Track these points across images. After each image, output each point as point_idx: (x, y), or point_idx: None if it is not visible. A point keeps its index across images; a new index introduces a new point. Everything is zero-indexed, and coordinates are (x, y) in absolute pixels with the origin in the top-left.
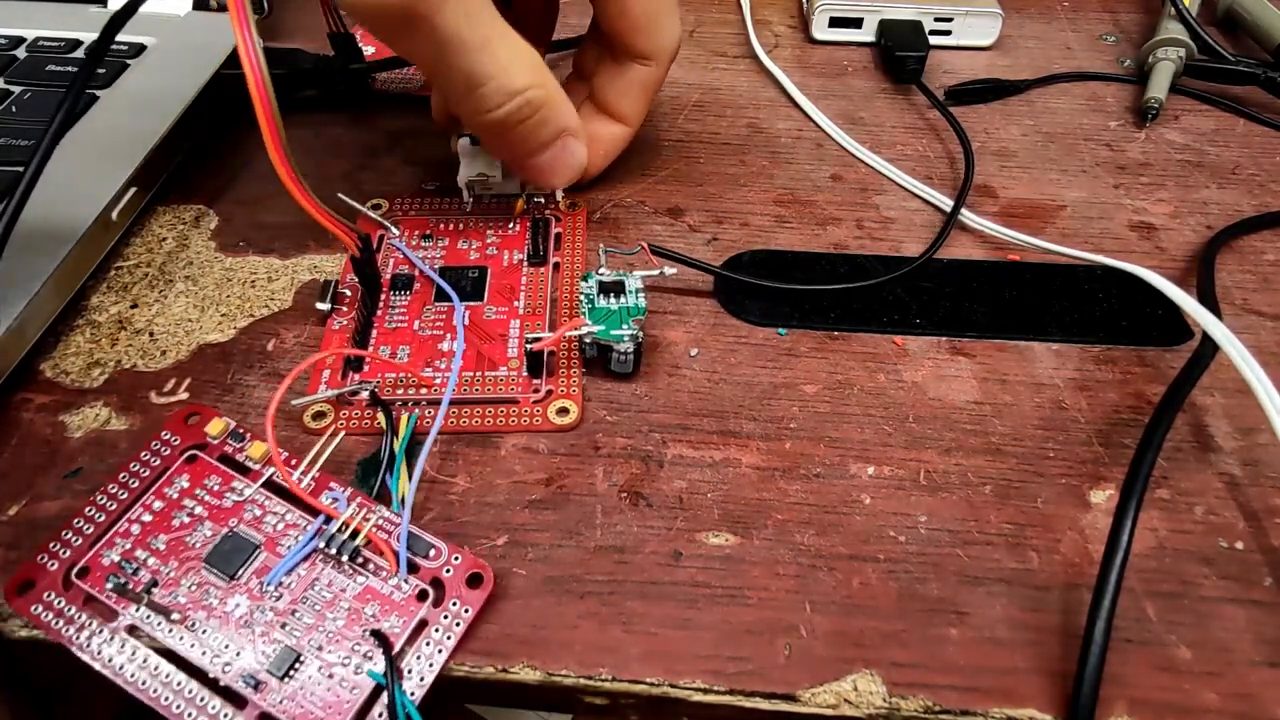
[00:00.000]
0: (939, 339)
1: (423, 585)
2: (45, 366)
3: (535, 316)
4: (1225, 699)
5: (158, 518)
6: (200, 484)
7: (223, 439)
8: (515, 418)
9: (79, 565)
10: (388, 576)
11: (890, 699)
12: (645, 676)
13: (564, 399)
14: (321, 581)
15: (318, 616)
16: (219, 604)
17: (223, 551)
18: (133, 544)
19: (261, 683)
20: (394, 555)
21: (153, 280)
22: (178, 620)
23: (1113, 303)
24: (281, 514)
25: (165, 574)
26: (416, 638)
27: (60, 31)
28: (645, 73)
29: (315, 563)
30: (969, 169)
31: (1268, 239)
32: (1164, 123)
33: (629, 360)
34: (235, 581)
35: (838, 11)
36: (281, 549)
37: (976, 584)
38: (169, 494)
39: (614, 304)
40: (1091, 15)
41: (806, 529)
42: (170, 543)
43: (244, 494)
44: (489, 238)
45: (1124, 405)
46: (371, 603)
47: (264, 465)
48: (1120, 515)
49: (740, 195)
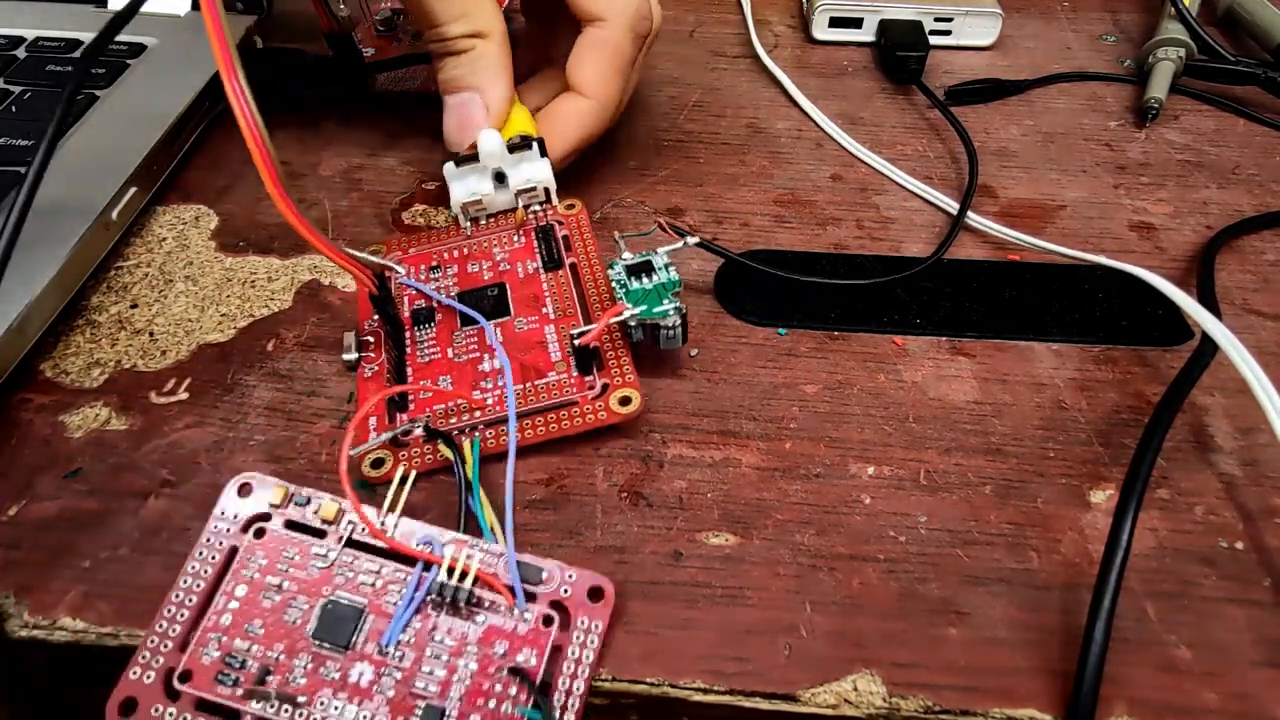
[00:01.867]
0: (939, 339)
1: (545, 611)
2: (45, 366)
3: (568, 319)
4: (1225, 699)
5: (244, 603)
6: (279, 558)
7: (285, 504)
8: (579, 418)
9: (178, 670)
10: (506, 610)
11: (890, 699)
12: (645, 676)
13: (623, 388)
14: (440, 630)
15: (449, 668)
16: (341, 677)
17: (328, 623)
18: (228, 636)
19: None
20: (508, 589)
21: (153, 280)
22: (305, 703)
23: (1113, 303)
24: (376, 570)
25: (274, 659)
26: (555, 664)
27: (60, 31)
28: (598, 35)
29: (427, 613)
30: (973, 170)
31: (1268, 239)
32: (1164, 123)
33: (678, 333)
34: (351, 651)
35: (838, 11)
36: (387, 607)
37: (976, 584)
38: (247, 575)
39: (647, 283)
40: (1091, 15)
41: (806, 529)
42: (267, 625)
43: (329, 558)
44: (497, 255)
45: (1124, 405)
46: (499, 641)
47: (339, 524)
48: (1120, 515)
49: (740, 195)
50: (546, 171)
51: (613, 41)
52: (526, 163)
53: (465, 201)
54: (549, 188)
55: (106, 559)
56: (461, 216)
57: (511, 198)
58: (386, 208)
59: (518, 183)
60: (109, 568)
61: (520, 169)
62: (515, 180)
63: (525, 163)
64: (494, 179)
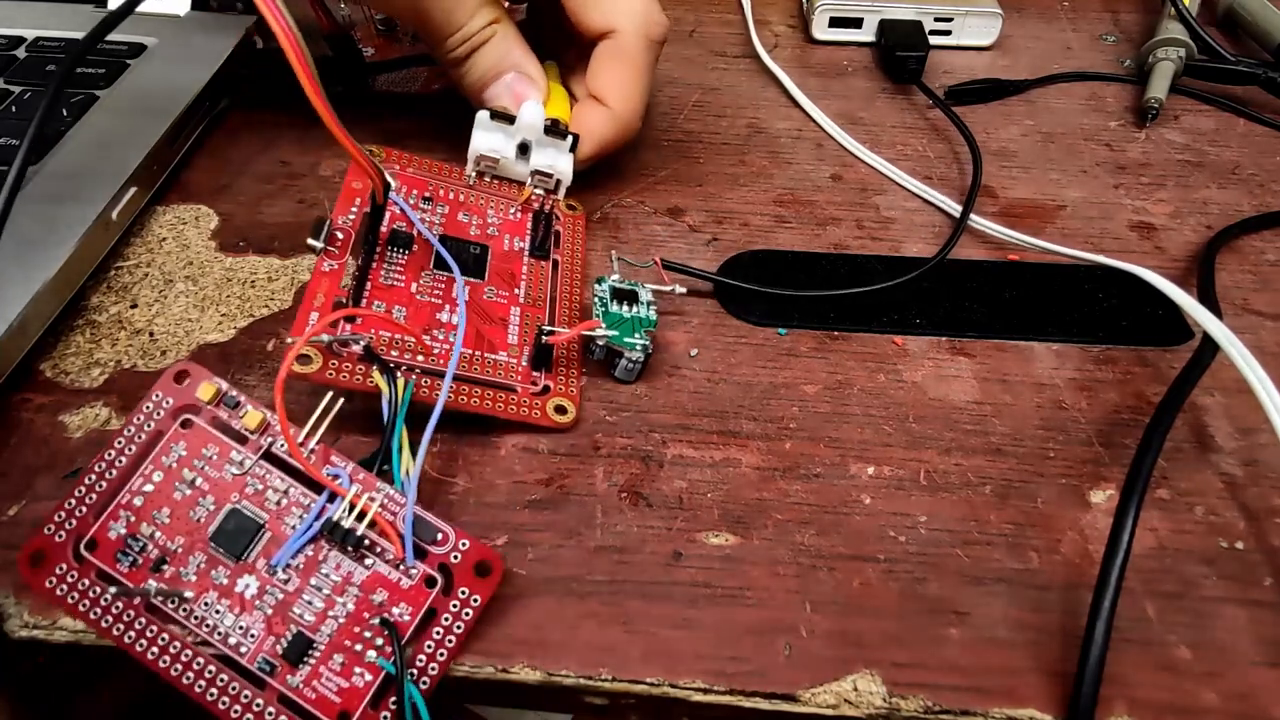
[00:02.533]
0: (939, 339)
1: (430, 572)
2: (45, 366)
3: (537, 309)
4: (1225, 699)
5: (158, 489)
6: (198, 454)
7: (216, 403)
8: (513, 406)
9: (86, 537)
10: (395, 561)
11: (890, 699)
12: (645, 676)
13: (562, 398)
14: (329, 564)
15: (327, 601)
16: (228, 584)
17: (228, 531)
18: (136, 517)
19: (277, 667)
20: (400, 541)
21: (153, 280)
22: (190, 599)
23: (1113, 303)
24: (283, 490)
25: (172, 550)
26: (426, 626)
27: (60, 31)
28: (613, 45)
29: (321, 544)
30: (977, 170)
31: (1268, 239)
32: (1164, 123)
33: (636, 369)
34: (242, 562)
35: (838, 11)
36: (286, 528)
37: (976, 584)
38: (166, 463)
39: (626, 312)
40: (1091, 15)
41: (806, 529)
42: (174, 515)
43: (245, 466)
44: (490, 217)
45: (1124, 405)
46: (380, 590)
47: (260, 435)
48: (1120, 515)
49: (740, 195)
50: (568, 166)
51: (627, 50)
52: (554, 149)
53: (484, 153)
54: (563, 182)
55: None
56: (471, 165)
57: (525, 172)
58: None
59: (538, 163)
60: None
61: (546, 151)
62: (537, 160)
63: (553, 148)
64: (518, 147)
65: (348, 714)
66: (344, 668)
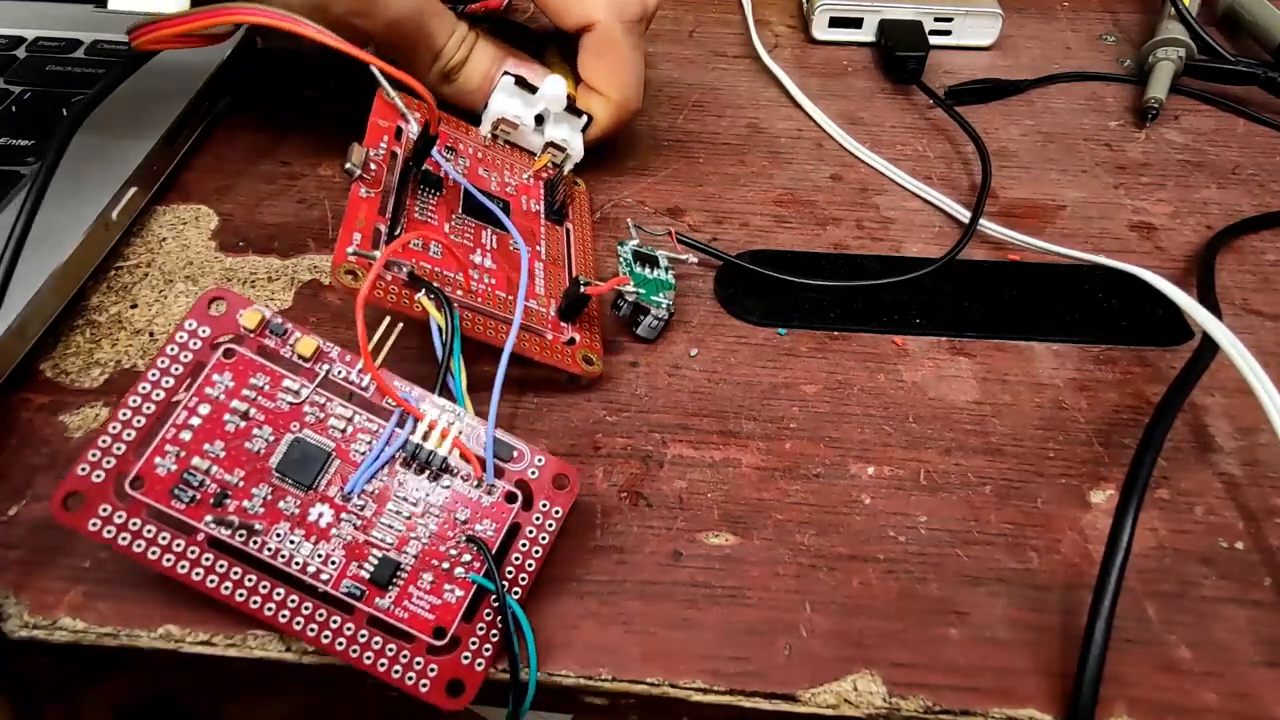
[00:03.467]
0: (939, 339)
1: (510, 488)
2: (45, 366)
3: (556, 266)
4: (1225, 699)
5: (206, 422)
6: (246, 383)
7: (260, 331)
8: (547, 350)
9: (131, 475)
10: (473, 481)
11: (890, 699)
12: (645, 676)
13: (590, 349)
14: (406, 488)
15: (408, 525)
16: (300, 513)
17: (294, 459)
18: (186, 451)
19: (364, 591)
20: (479, 460)
21: (153, 280)
22: (261, 532)
23: (1113, 303)
24: (348, 416)
25: (233, 483)
26: (511, 541)
27: (60, 31)
28: (592, 39)
29: (395, 468)
30: (985, 171)
31: (1268, 239)
32: (1164, 123)
33: (659, 326)
34: (314, 491)
35: (838, 11)
36: (354, 454)
37: (976, 584)
38: (211, 395)
39: (649, 274)
40: (1091, 15)
41: (806, 529)
42: (229, 448)
43: (301, 395)
44: (507, 177)
45: (1124, 405)
46: (461, 508)
47: (315, 363)
48: (1120, 515)
49: (740, 195)
50: (580, 144)
51: (608, 40)
52: (569, 125)
53: (503, 115)
54: (572, 158)
55: (106, 559)
56: (487, 125)
57: (538, 143)
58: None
59: (553, 135)
60: (109, 568)
61: (562, 126)
62: (552, 132)
63: (568, 125)
64: (535, 118)
65: (443, 629)
66: (434, 585)
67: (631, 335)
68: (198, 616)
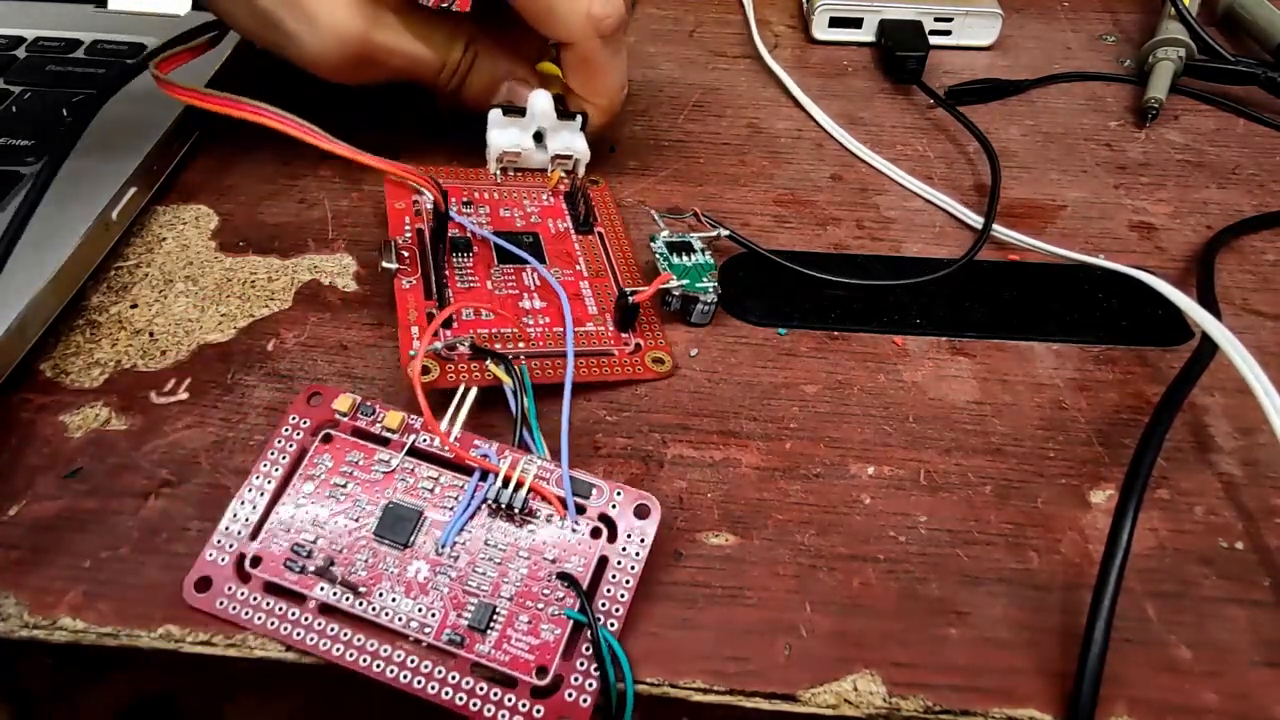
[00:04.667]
0: (939, 339)
1: (594, 524)
2: (45, 366)
3: (600, 279)
4: (1225, 699)
5: (311, 500)
6: (343, 461)
7: (352, 414)
8: (617, 368)
9: (249, 556)
10: (557, 521)
11: (890, 699)
12: (645, 676)
13: (657, 349)
14: (495, 535)
15: (500, 570)
16: (399, 572)
17: (389, 522)
18: (295, 529)
19: (465, 638)
20: (560, 500)
21: (153, 280)
22: (365, 593)
23: (1113, 303)
24: (435, 477)
25: (338, 551)
26: (600, 574)
27: (60, 31)
28: (571, 55)
29: (483, 519)
30: (995, 172)
31: (1268, 239)
32: (1164, 123)
33: (711, 310)
34: (410, 549)
35: (838, 11)
36: (444, 512)
37: (976, 584)
38: (315, 475)
39: (687, 261)
40: (1091, 15)
41: (806, 529)
42: (332, 521)
43: (392, 464)
44: (528, 207)
45: (1124, 405)
46: (549, 549)
47: (403, 434)
48: (1120, 515)
49: (740, 195)
50: (584, 145)
51: (586, 56)
52: (568, 131)
53: (505, 149)
54: (581, 160)
55: (106, 559)
56: (494, 164)
57: (546, 159)
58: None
59: (556, 147)
60: (109, 568)
61: (561, 135)
62: (554, 145)
63: (566, 131)
64: (534, 137)
65: (545, 668)
66: (531, 626)
67: (687, 324)
68: (198, 617)
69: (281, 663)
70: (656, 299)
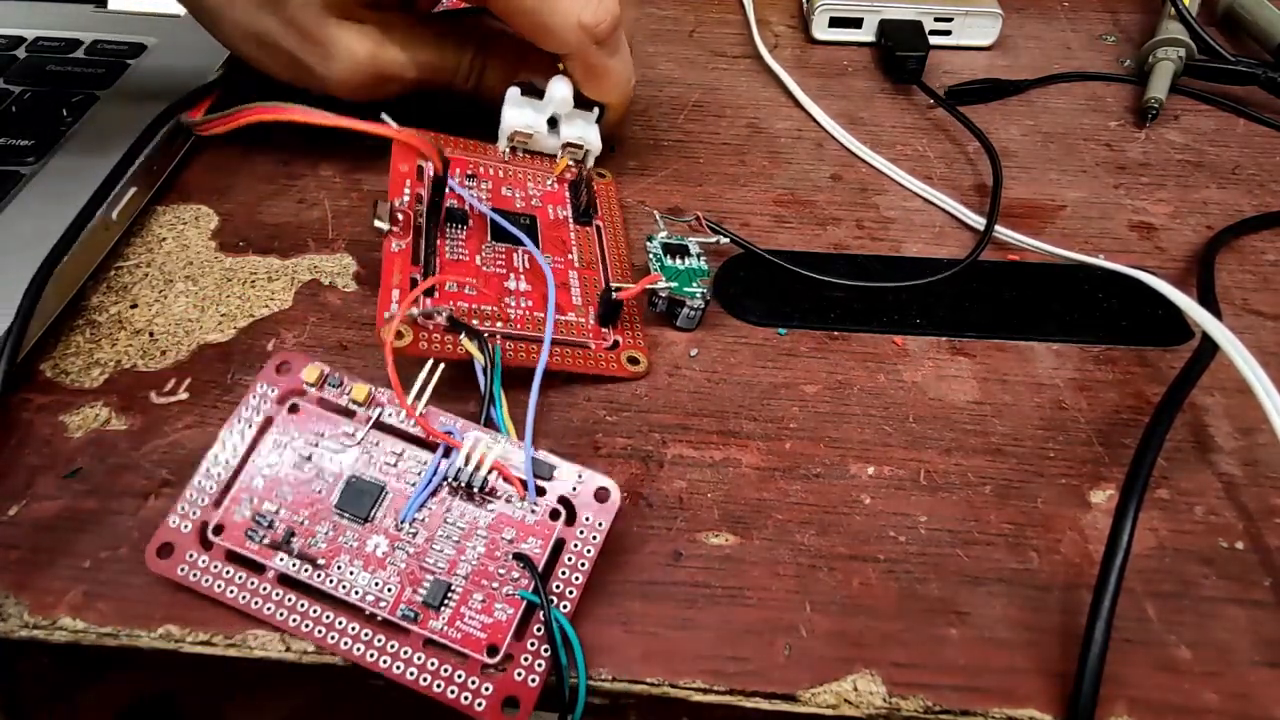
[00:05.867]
0: (939, 339)
1: (553, 506)
2: (45, 366)
3: (590, 271)
4: (1225, 699)
5: (274, 470)
6: (309, 432)
7: (320, 385)
8: (590, 361)
9: (212, 524)
10: (517, 501)
11: (890, 699)
12: (645, 676)
13: (634, 349)
14: (454, 513)
15: (458, 548)
16: (359, 546)
17: (351, 496)
18: (258, 499)
19: (419, 614)
20: (520, 482)
21: (153, 280)
22: (324, 565)
23: (1113, 303)
24: (399, 453)
25: (299, 523)
26: (557, 556)
27: (60, 31)
28: (574, 63)
29: (443, 496)
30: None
31: (1268, 239)
32: (1164, 123)
33: (697, 316)
34: (370, 524)
35: (838, 11)
36: (406, 487)
37: (976, 584)
38: (281, 444)
39: (680, 264)
40: (1091, 15)
41: (806, 529)
42: (296, 494)
43: (356, 437)
44: (530, 190)
45: (1124, 405)
46: (507, 528)
47: (368, 407)
48: (1120, 515)
49: (740, 195)
50: (596, 136)
51: (585, 61)
52: (583, 121)
53: (517, 129)
54: (592, 152)
55: (106, 559)
56: (504, 141)
57: (555, 146)
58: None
59: (569, 135)
60: (109, 568)
61: (575, 124)
62: (567, 132)
63: (581, 120)
64: (548, 122)
65: (495, 647)
66: (485, 604)
67: (673, 327)
68: (198, 616)
69: (281, 663)
70: (644, 299)
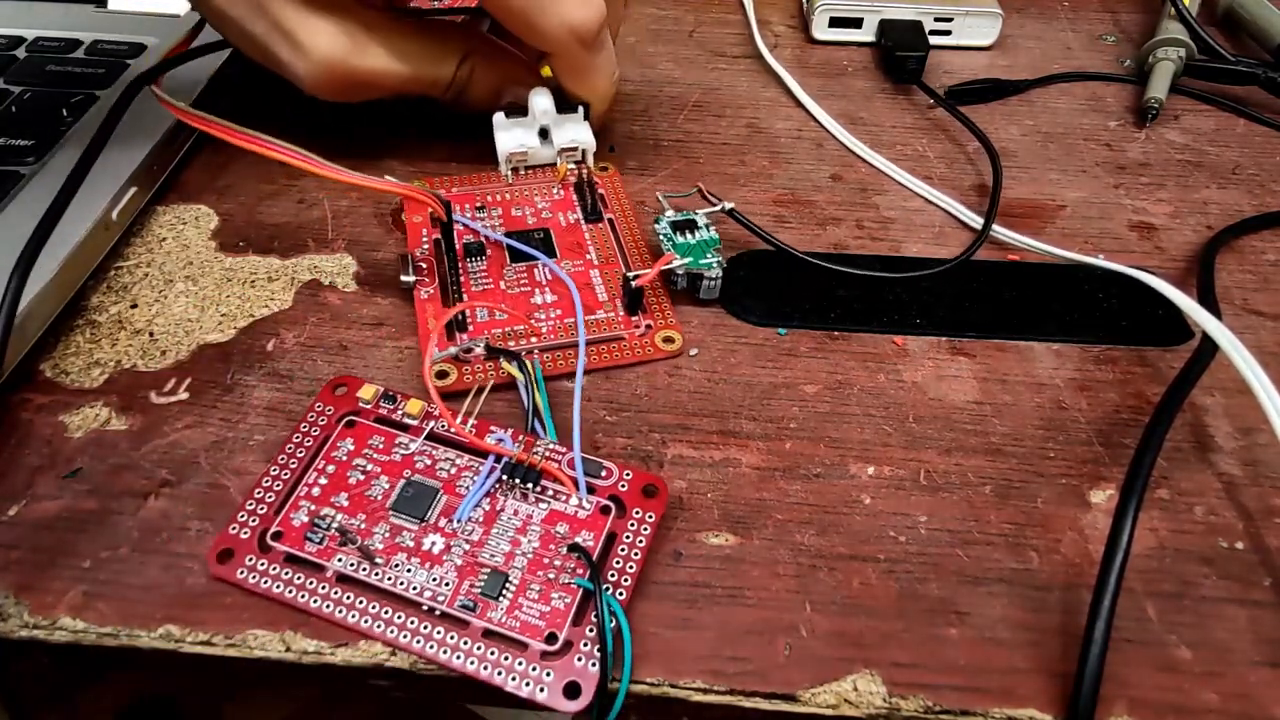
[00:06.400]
0: (939, 339)
1: (603, 501)
2: (45, 366)
3: (611, 265)
4: (1225, 699)
5: (333, 479)
6: (365, 444)
7: (375, 402)
8: (628, 351)
9: (271, 530)
10: (568, 499)
11: (890, 699)
12: (645, 676)
13: (666, 329)
14: (508, 512)
15: (513, 542)
16: (415, 544)
17: (407, 498)
18: (316, 505)
19: (478, 605)
20: (571, 480)
21: (153, 280)
22: (382, 563)
23: (1113, 303)
24: (452, 459)
25: (356, 525)
26: (610, 549)
27: (60, 31)
28: (560, 62)
29: (497, 496)
30: (996, 172)
31: (1268, 239)
32: (1164, 123)
33: (717, 285)
34: (426, 523)
35: (838, 11)
36: (461, 489)
37: (976, 584)
38: (337, 457)
39: (691, 239)
40: (1091, 15)
41: (806, 529)
42: (352, 498)
43: (410, 448)
44: (539, 204)
45: (1124, 405)
46: (560, 523)
47: (423, 421)
48: (1120, 515)
49: (740, 195)
50: (588, 135)
51: (571, 62)
52: (571, 123)
53: (513, 151)
54: (588, 151)
55: (106, 559)
56: (504, 165)
57: (553, 154)
58: (386, 207)
59: (561, 141)
60: (109, 568)
61: (565, 129)
62: (559, 139)
63: (570, 123)
64: (539, 134)
65: (555, 634)
66: (542, 594)
67: (697, 301)
68: (198, 616)
69: (281, 663)
70: (664, 279)
